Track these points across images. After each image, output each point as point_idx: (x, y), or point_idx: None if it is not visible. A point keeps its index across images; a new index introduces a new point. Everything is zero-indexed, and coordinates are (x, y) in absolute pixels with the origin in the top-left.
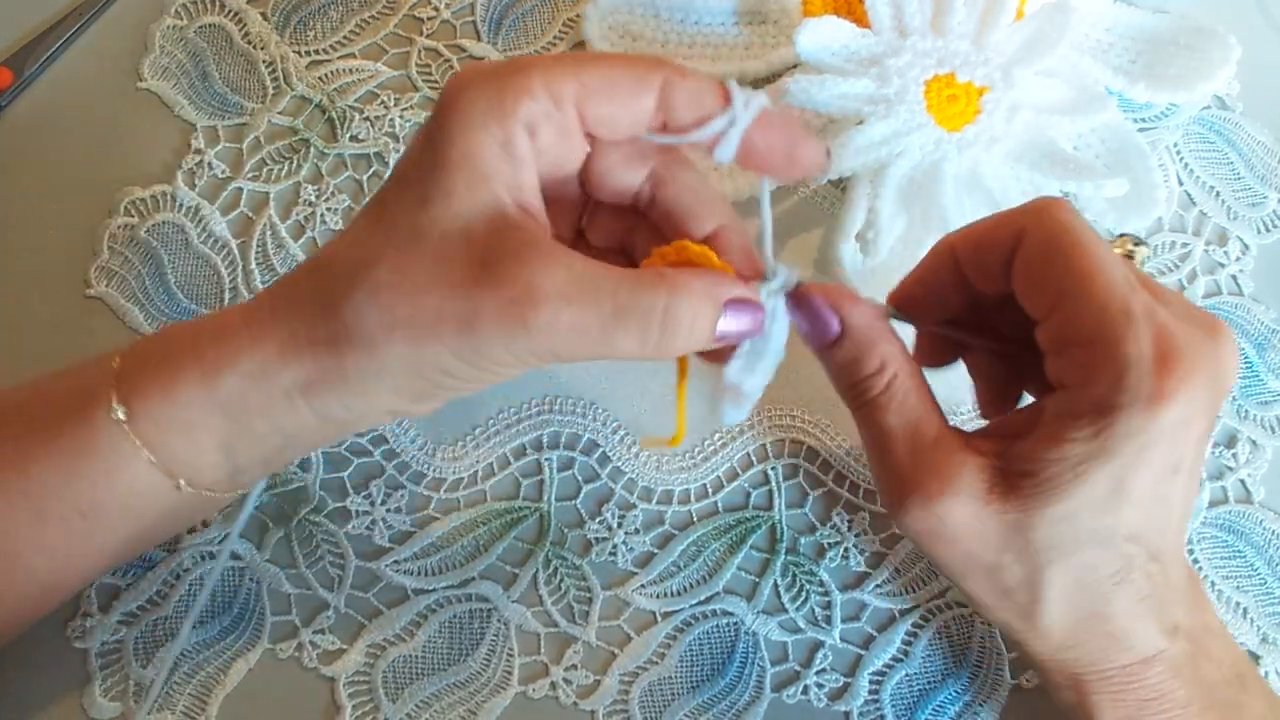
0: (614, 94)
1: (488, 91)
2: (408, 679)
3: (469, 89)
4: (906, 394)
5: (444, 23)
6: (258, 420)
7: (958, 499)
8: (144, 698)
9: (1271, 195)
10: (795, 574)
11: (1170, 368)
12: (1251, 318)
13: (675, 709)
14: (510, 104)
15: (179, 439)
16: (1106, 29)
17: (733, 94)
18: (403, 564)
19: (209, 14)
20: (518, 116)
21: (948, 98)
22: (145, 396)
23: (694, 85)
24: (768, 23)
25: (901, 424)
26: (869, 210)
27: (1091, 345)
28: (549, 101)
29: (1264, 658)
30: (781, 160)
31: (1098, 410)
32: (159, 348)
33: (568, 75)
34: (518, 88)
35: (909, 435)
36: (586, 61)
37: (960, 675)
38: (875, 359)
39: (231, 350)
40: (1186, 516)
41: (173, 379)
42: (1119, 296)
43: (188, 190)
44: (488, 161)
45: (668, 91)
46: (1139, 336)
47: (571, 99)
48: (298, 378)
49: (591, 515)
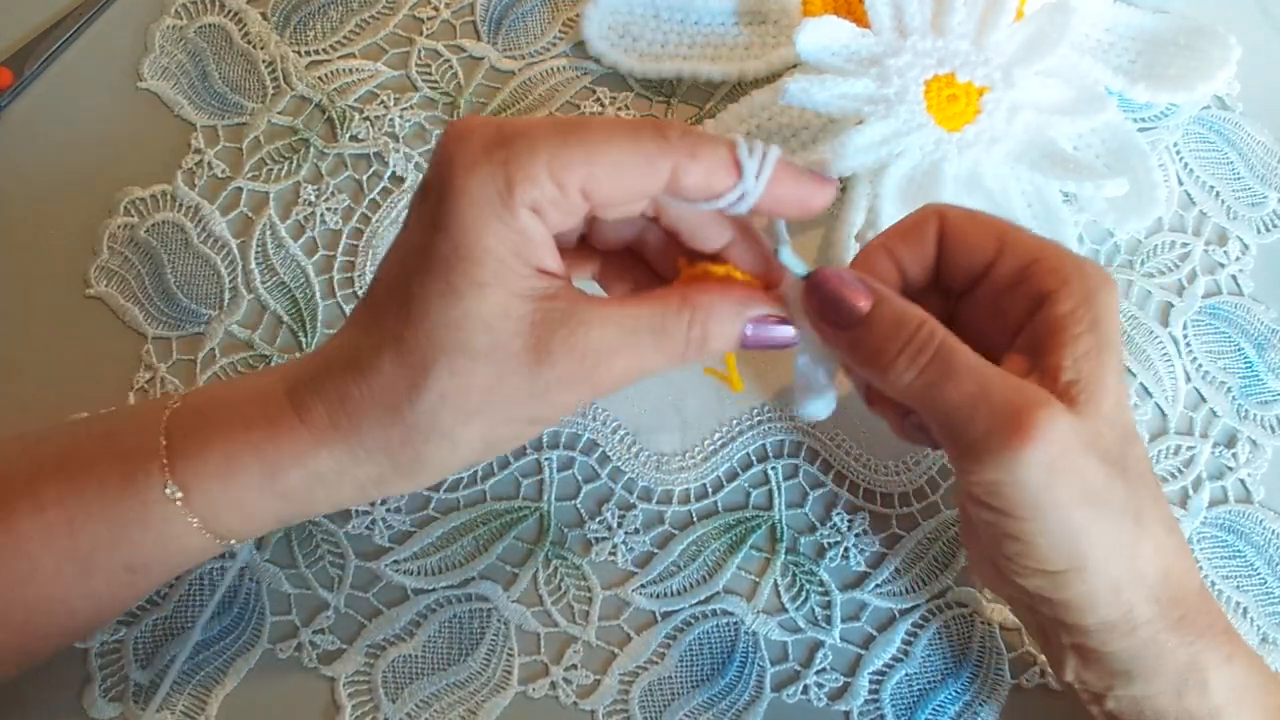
0: (621, 180)
1: (495, 178)
2: (408, 679)
3: (473, 170)
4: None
5: (444, 23)
6: (321, 505)
7: (1064, 417)
8: (151, 698)
9: (1271, 195)
10: (795, 574)
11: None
12: (1251, 318)
13: (675, 709)
14: (519, 195)
15: (235, 517)
16: (1106, 29)
17: (744, 166)
18: (403, 564)
19: (209, 14)
20: (526, 204)
21: (948, 98)
22: (200, 478)
23: (704, 167)
24: (768, 23)
25: (979, 361)
26: (869, 210)
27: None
28: (555, 189)
29: (1264, 657)
30: (794, 210)
31: (1084, 300)
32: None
33: (575, 163)
34: (524, 180)
35: (985, 375)
36: (592, 145)
37: (960, 675)
38: (916, 311)
39: (292, 451)
40: None
41: (229, 468)
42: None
43: (188, 190)
44: (507, 252)
45: (677, 175)
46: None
47: (578, 186)
48: (372, 474)
49: (591, 515)
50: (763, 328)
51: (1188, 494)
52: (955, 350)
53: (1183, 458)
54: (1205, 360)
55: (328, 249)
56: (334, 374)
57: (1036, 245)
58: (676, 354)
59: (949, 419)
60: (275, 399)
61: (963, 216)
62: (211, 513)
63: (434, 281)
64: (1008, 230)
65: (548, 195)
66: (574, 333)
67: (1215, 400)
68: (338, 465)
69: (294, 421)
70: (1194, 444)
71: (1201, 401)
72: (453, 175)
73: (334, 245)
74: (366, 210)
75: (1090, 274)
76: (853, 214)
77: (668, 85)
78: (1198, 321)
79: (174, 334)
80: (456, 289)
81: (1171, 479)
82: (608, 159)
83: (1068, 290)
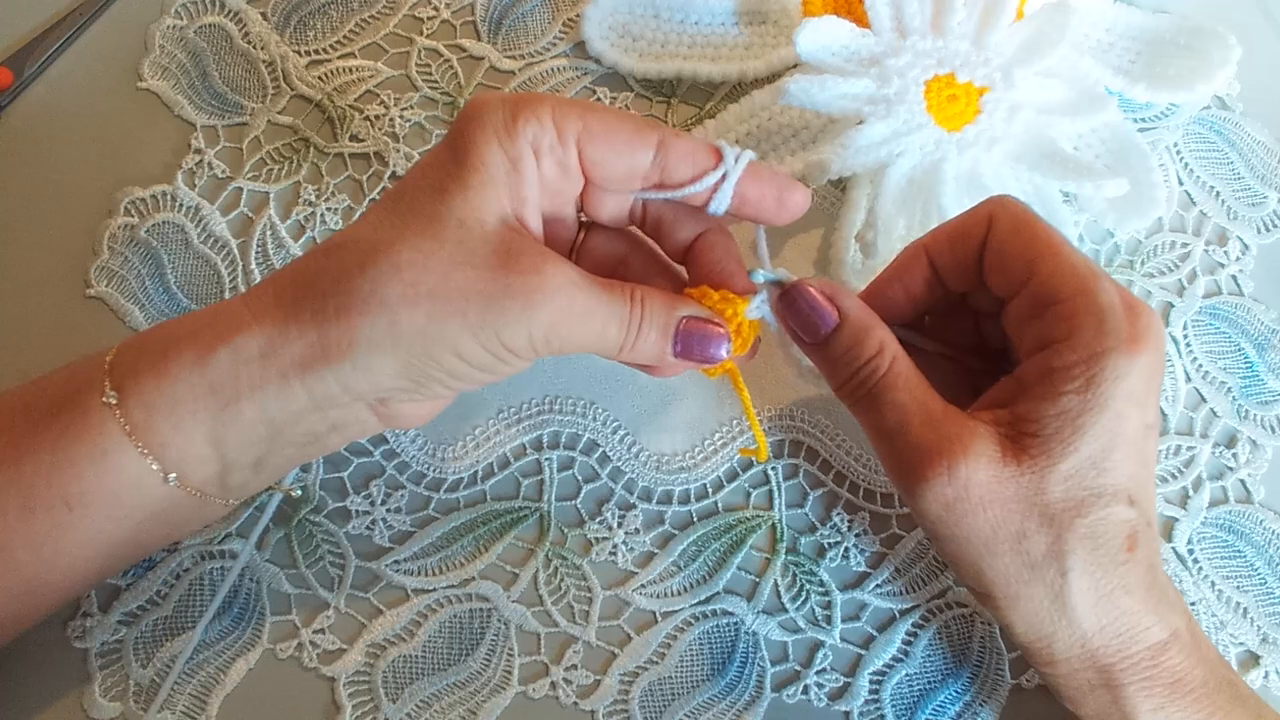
0: (613, 141)
1: (504, 111)
2: (408, 679)
3: (488, 107)
4: (910, 371)
5: (444, 23)
6: (246, 404)
7: (979, 461)
8: (151, 698)
9: (1271, 195)
10: (795, 574)
11: (1138, 314)
12: (1251, 318)
13: (675, 709)
14: (521, 124)
15: (167, 424)
16: (1106, 29)
17: (724, 151)
18: (403, 564)
19: (209, 14)
20: (526, 136)
21: (948, 98)
22: (137, 378)
23: (689, 145)
24: (768, 23)
25: (912, 399)
26: (869, 210)
27: (1072, 299)
28: (554, 132)
29: (1264, 658)
30: (772, 206)
31: (1086, 359)
32: (155, 336)
33: (574, 115)
34: (529, 113)
35: (921, 408)
36: (592, 108)
37: (960, 675)
38: (875, 341)
39: (229, 329)
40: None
41: (164, 360)
42: (1085, 261)
43: (188, 190)
44: (500, 172)
45: (664, 150)
46: (1109, 289)
47: (574, 137)
48: (298, 353)
49: (591, 515)
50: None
51: (1188, 494)
52: (891, 386)
53: (1183, 458)
54: (1205, 360)
55: None
56: (295, 262)
57: (1061, 283)
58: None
59: (873, 444)
60: (235, 299)
61: (1009, 228)
62: (146, 419)
63: (426, 180)
64: (1042, 255)
65: (547, 137)
66: (543, 256)
67: (1215, 400)
68: (267, 343)
69: (236, 306)
70: (1194, 444)
71: (1201, 401)
72: (470, 112)
73: None
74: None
75: (1109, 332)
76: (853, 214)
77: (668, 85)
78: (1198, 322)
79: None
80: (444, 187)
81: (1171, 479)
82: (603, 122)
83: (1070, 344)
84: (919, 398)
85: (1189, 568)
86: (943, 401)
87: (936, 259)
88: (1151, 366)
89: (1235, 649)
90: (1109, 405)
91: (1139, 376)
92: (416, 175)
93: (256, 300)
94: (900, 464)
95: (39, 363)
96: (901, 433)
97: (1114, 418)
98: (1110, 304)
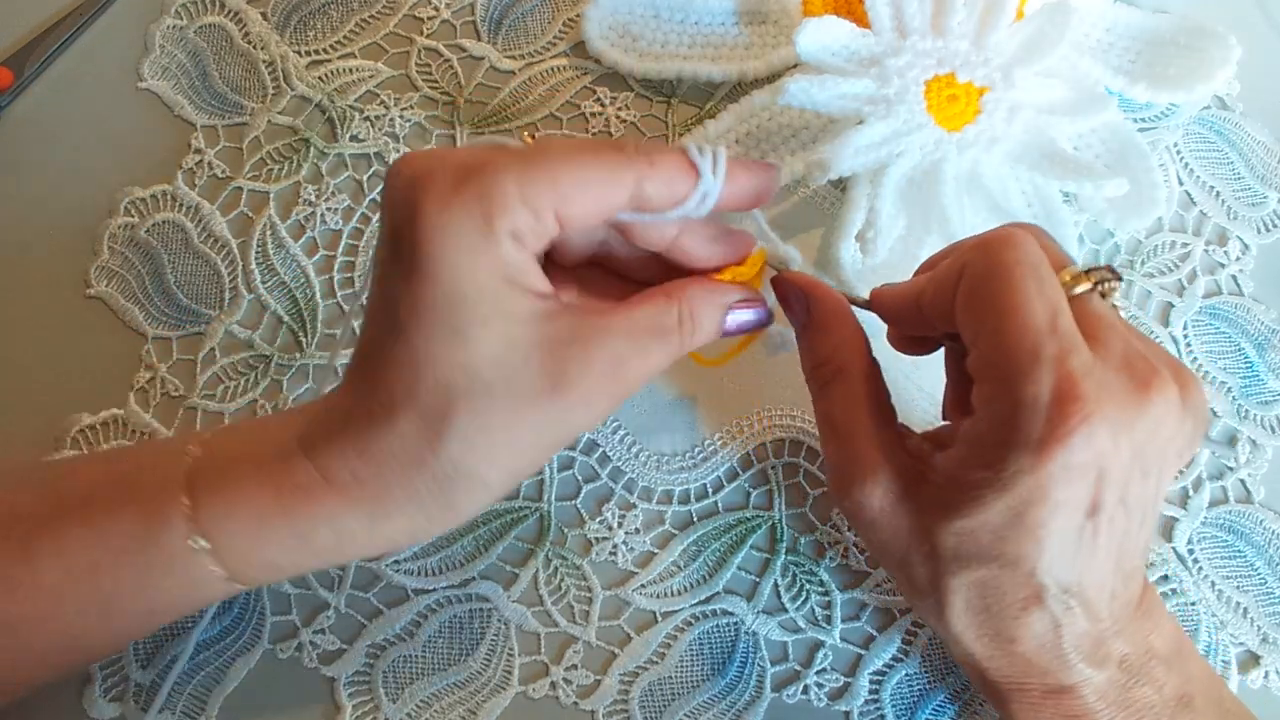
0: (588, 197)
1: (471, 214)
2: (408, 679)
3: (447, 209)
4: (852, 384)
5: (444, 23)
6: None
7: (876, 488)
8: (151, 698)
9: (1271, 195)
10: (795, 574)
11: (1066, 413)
12: (1251, 318)
13: (675, 709)
14: (499, 225)
15: (264, 572)
16: (1106, 29)
17: (700, 167)
18: (403, 564)
19: (209, 14)
20: (505, 239)
21: (948, 98)
22: (229, 536)
23: (664, 174)
24: (768, 23)
25: (841, 412)
26: (869, 210)
27: (998, 382)
28: (530, 215)
29: (1264, 658)
30: (750, 201)
31: (994, 444)
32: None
33: (543, 184)
34: (501, 206)
35: (847, 423)
36: (558, 163)
37: (960, 675)
38: (828, 347)
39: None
40: (1130, 555)
41: (260, 530)
42: (1030, 338)
43: (188, 190)
44: (499, 283)
45: (640, 186)
46: (1040, 379)
47: (550, 208)
48: (402, 526)
49: (591, 515)
50: (738, 312)
51: (1188, 494)
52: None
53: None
54: (1205, 360)
55: (328, 249)
56: (350, 433)
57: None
58: (675, 347)
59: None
60: (296, 458)
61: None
62: (239, 567)
63: (433, 328)
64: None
65: (524, 221)
66: (585, 349)
67: (1215, 400)
68: (369, 522)
69: (320, 483)
70: None
71: None
72: (425, 219)
73: (334, 245)
74: (366, 210)
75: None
76: (853, 214)
77: (668, 85)
78: (1198, 322)
79: (174, 334)
80: (459, 331)
81: (1171, 479)
82: (574, 177)
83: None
84: (848, 411)
85: (1189, 568)
86: (877, 421)
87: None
88: (1080, 464)
89: (1235, 649)
90: (1011, 490)
91: (1049, 475)
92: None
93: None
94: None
95: (39, 363)
96: (826, 441)
97: (1020, 501)
98: (1031, 397)
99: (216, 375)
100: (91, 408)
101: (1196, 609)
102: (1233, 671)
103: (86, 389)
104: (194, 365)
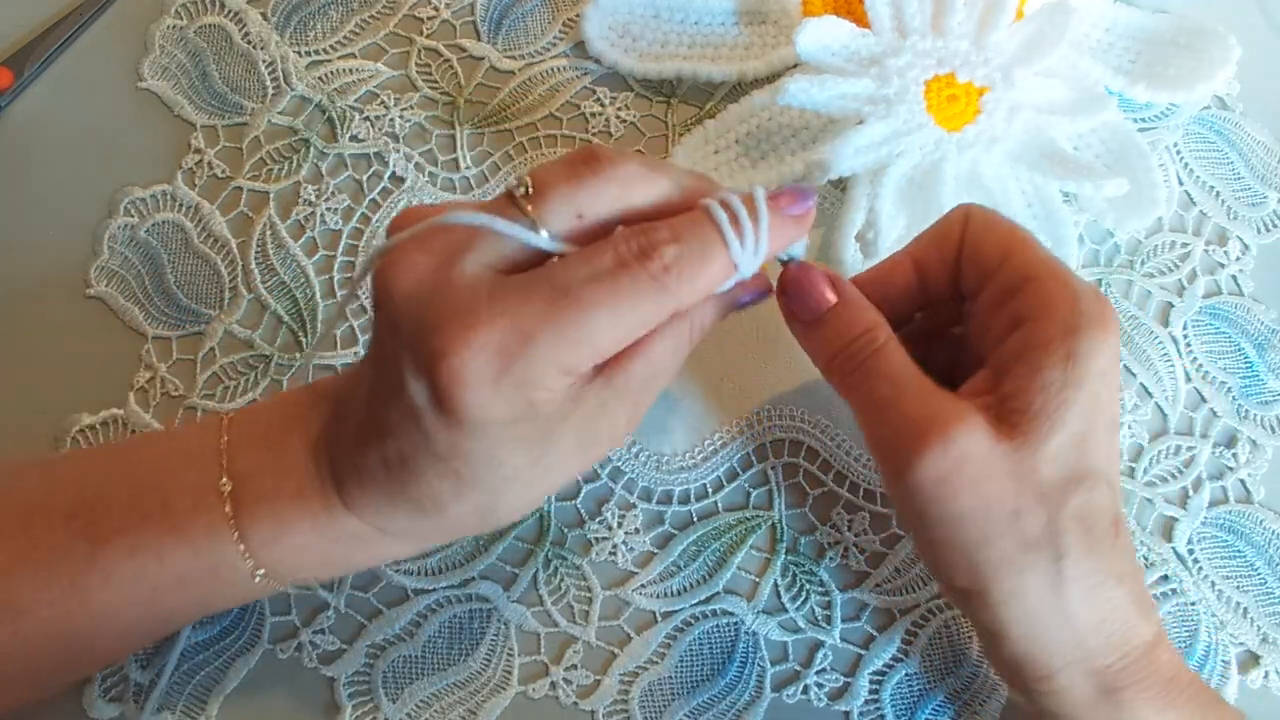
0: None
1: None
2: (408, 679)
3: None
4: (896, 351)
5: (444, 23)
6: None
7: (974, 435)
8: (151, 698)
9: (1271, 195)
10: (795, 574)
11: (1103, 299)
12: (1251, 318)
13: (675, 709)
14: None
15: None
16: (1106, 29)
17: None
18: (403, 564)
19: (209, 14)
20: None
21: (948, 98)
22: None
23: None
24: (768, 23)
25: (906, 373)
26: (869, 210)
27: (1048, 278)
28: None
29: (1264, 658)
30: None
31: (1063, 333)
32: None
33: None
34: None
35: (914, 381)
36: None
37: (960, 675)
38: (871, 317)
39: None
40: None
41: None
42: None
43: (188, 190)
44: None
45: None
46: (1079, 277)
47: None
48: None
49: (591, 515)
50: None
51: (1188, 494)
52: (886, 360)
53: (1183, 458)
54: (1205, 360)
55: (328, 249)
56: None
57: (1036, 265)
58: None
59: (863, 421)
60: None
61: (983, 222)
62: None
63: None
64: (1016, 243)
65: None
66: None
67: (1215, 400)
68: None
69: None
70: (1194, 444)
71: (1201, 401)
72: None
73: (334, 245)
74: (366, 210)
75: (1083, 311)
76: (853, 214)
77: (668, 85)
78: (1198, 322)
79: (174, 334)
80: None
81: (1171, 479)
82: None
83: (1048, 319)
84: (913, 372)
85: (1189, 568)
86: (933, 381)
87: (921, 258)
88: (1117, 351)
89: (1235, 649)
90: (1086, 383)
91: (1109, 358)
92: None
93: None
94: (893, 438)
95: (39, 363)
96: (895, 405)
97: (1091, 397)
98: (1082, 286)
99: (216, 375)
100: (91, 408)
101: (1196, 609)
102: (1233, 671)
103: (86, 389)
104: (194, 365)
